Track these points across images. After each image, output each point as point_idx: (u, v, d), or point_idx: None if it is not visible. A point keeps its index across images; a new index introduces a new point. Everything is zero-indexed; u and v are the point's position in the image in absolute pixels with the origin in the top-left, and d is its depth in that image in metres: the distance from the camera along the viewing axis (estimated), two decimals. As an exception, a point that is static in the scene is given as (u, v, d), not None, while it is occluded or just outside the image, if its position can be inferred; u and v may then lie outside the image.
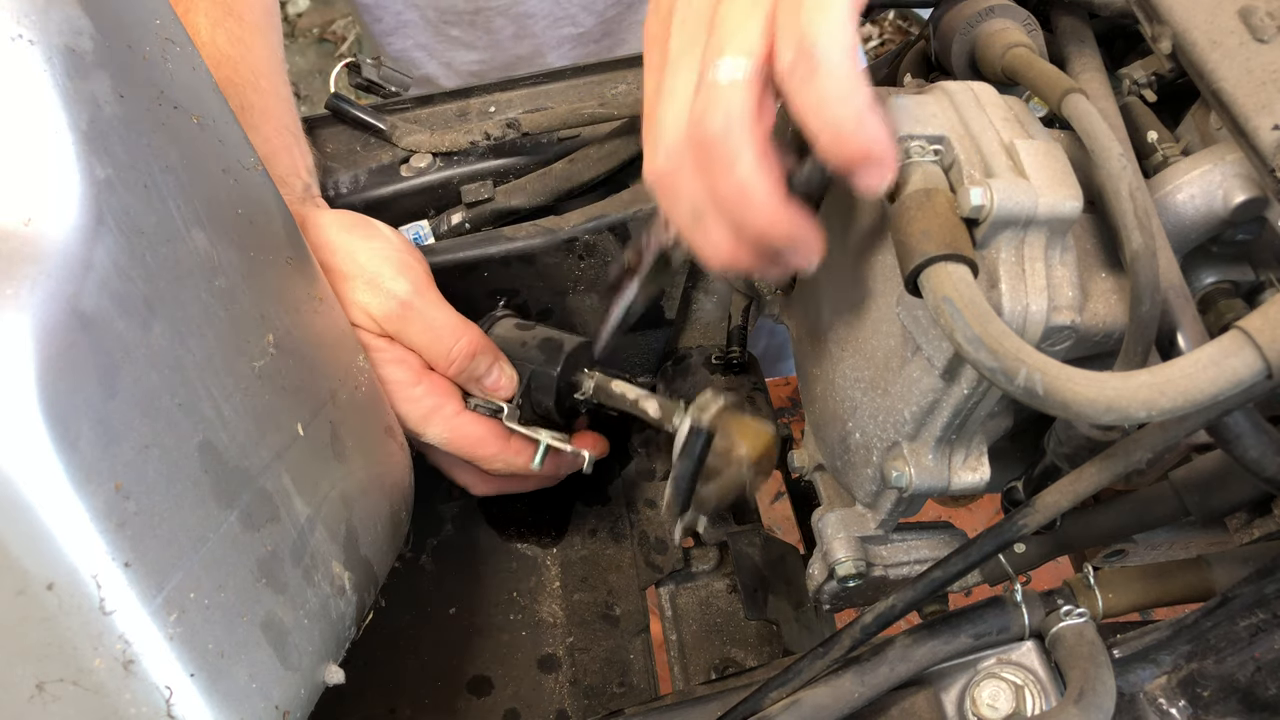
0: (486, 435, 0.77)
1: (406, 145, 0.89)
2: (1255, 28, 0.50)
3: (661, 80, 0.54)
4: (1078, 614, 0.55)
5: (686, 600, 0.82)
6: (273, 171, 0.74)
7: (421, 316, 0.74)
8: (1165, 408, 0.41)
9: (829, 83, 0.46)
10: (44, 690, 0.45)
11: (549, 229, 0.84)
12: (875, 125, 0.47)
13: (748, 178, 0.50)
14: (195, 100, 0.56)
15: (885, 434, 0.59)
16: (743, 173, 0.50)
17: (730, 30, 0.49)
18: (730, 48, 0.49)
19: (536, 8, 1.22)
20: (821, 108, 0.47)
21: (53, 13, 0.46)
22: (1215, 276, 0.54)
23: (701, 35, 0.51)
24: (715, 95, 0.49)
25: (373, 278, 0.73)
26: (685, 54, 0.52)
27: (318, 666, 0.57)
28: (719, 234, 0.53)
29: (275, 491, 0.55)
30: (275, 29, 0.86)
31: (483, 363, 0.76)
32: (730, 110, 0.49)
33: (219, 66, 0.77)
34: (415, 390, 0.74)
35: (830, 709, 0.54)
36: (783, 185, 0.51)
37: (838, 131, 0.47)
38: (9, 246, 0.43)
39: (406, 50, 1.28)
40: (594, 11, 1.24)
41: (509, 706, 0.80)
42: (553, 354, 0.78)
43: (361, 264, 0.73)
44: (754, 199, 0.50)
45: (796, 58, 0.47)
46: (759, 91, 0.49)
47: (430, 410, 0.75)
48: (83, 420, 0.43)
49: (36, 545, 0.42)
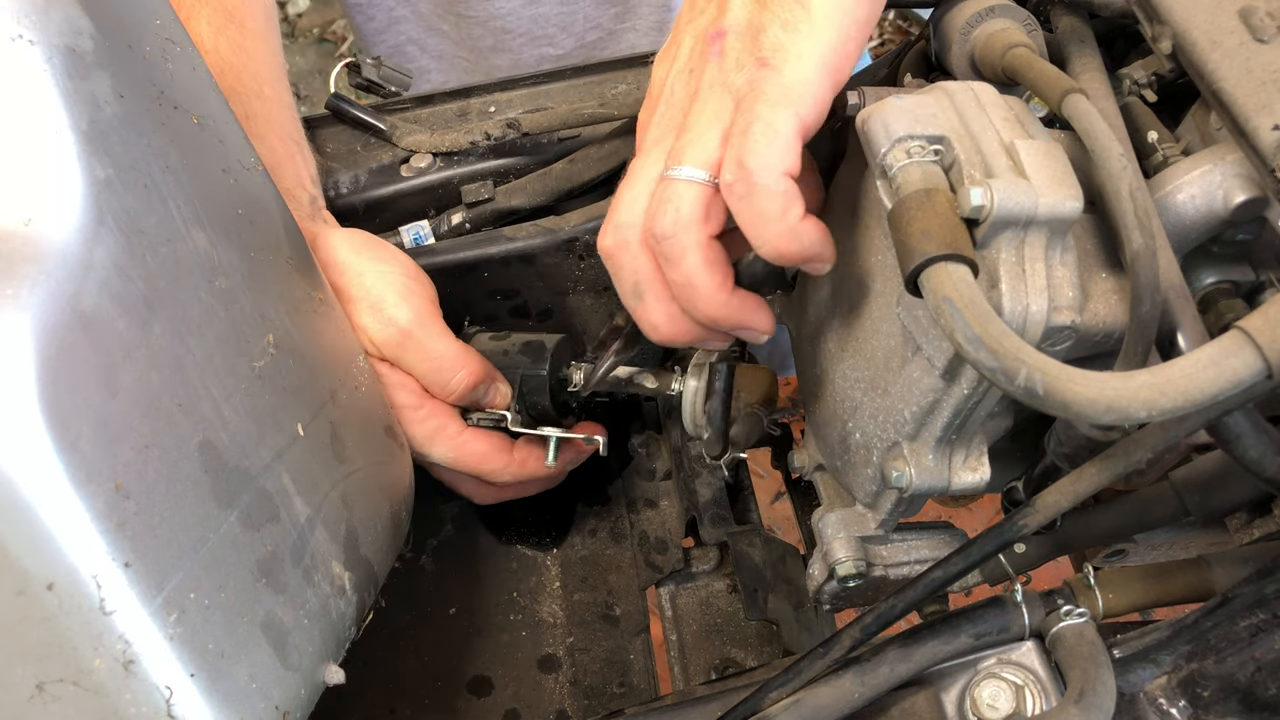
0: (490, 450, 0.77)
1: (407, 145, 0.89)
2: (1255, 28, 0.50)
3: (634, 164, 0.59)
4: (1078, 614, 0.55)
5: (686, 600, 0.82)
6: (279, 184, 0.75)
7: (421, 346, 0.73)
8: (1165, 408, 0.41)
9: (763, 203, 0.52)
10: (44, 690, 0.45)
11: (549, 229, 0.84)
12: (808, 233, 0.53)
13: (693, 273, 0.56)
14: (195, 100, 0.56)
15: (885, 434, 0.59)
16: (688, 268, 0.56)
17: (692, 138, 0.55)
18: (689, 156, 0.55)
19: (514, 24, 1.22)
20: (758, 224, 0.52)
21: (53, 13, 0.46)
22: (1215, 276, 0.54)
23: (671, 135, 0.57)
24: (670, 194, 0.55)
25: (376, 303, 0.73)
26: (655, 146, 0.58)
27: (318, 666, 0.57)
28: (659, 312, 0.59)
29: (275, 491, 0.55)
30: (275, 33, 0.86)
31: (482, 390, 0.76)
32: (680, 210, 0.55)
33: (223, 75, 0.77)
34: (419, 413, 0.74)
35: (830, 709, 0.54)
36: (729, 278, 0.57)
37: (775, 245, 0.53)
38: (9, 246, 0.43)
39: (400, 45, 1.28)
40: (572, 34, 1.24)
41: (509, 706, 0.80)
42: (537, 355, 0.78)
43: (367, 287, 0.73)
44: (700, 292, 0.56)
45: (736, 178, 0.52)
46: (709, 198, 0.54)
47: (434, 431, 0.75)
48: (83, 420, 0.43)
49: (36, 545, 0.42)
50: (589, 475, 0.88)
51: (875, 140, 0.51)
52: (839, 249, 0.61)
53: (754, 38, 0.54)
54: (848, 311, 0.62)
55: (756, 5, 0.55)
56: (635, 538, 0.87)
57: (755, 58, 0.54)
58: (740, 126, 0.53)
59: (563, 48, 1.25)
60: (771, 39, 0.54)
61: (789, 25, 0.54)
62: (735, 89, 0.54)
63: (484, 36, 1.24)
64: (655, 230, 0.56)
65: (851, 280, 0.61)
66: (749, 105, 0.53)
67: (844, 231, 0.61)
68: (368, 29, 1.28)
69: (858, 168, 0.60)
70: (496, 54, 1.26)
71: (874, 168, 0.51)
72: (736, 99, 0.54)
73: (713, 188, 0.54)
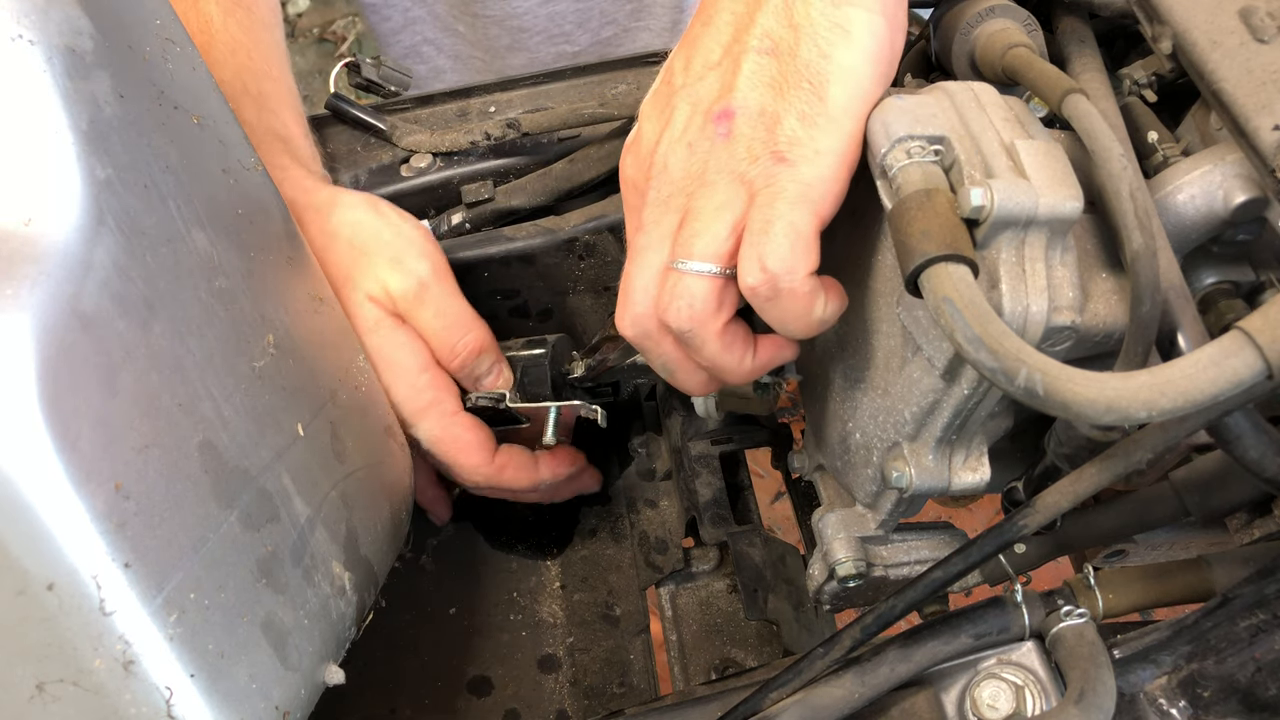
0: (475, 443, 0.76)
1: (407, 145, 0.89)
2: (1255, 28, 0.50)
3: (635, 242, 0.58)
4: (1078, 614, 0.55)
5: (686, 600, 0.82)
6: (298, 154, 0.75)
7: (437, 301, 0.74)
8: (1165, 408, 0.41)
9: (792, 306, 0.52)
10: (44, 691, 0.45)
11: (549, 229, 0.84)
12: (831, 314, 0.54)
13: (715, 358, 0.57)
14: (195, 100, 0.56)
15: (885, 434, 0.59)
16: (710, 355, 0.57)
17: (699, 229, 0.53)
18: (698, 249, 0.53)
19: (531, 22, 1.22)
20: (787, 322, 0.53)
21: (53, 13, 0.46)
22: (1215, 277, 0.54)
23: (674, 218, 0.55)
24: (680, 290, 0.54)
25: (397, 255, 0.73)
26: (656, 229, 0.56)
27: (318, 667, 0.57)
28: (692, 382, 0.61)
29: (275, 491, 0.55)
30: (279, 27, 0.86)
31: (486, 361, 0.76)
32: (694, 306, 0.54)
33: (234, 53, 0.78)
34: (419, 379, 0.74)
35: (830, 709, 0.54)
36: (750, 346, 0.58)
37: (805, 334, 0.55)
38: (9, 246, 0.43)
39: (416, 46, 1.28)
40: (588, 29, 1.24)
41: (509, 706, 0.80)
42: (538, 345, 0.80)
43: (387, 241, 0.74)
44: (727, 370, 0.58)
45: (760, 283, 0.52)
46: (720, 290, 0.54)
47: (429, 404, 0.74)
48: (83, 420, 0.43)
49: (36, 545, 0.42)
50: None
51: (875, 140, 0.50)
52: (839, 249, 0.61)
53: (769, 129, 0.51)
54: (848, 312, 0.62)
55: (771, 91, 0.52)
56: (635, 538, 0.87)
57: (770, 150, 0.51)
58: (758, 225, 0.51)
59: (579, 44, 1.25)
60: (788, 132, 0.51)
61: (806, 119, 0.51)
62: (748, 180, 0.52)
63: (500, 36, 1.24)
64: (671, 325, 0.56)
65: (851, 280, 0.61)
66: (767, 202, 0.51)
67: (844, 232, 0.61)
68: (383, 29, 1.28)
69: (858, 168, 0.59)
70: (513, 53, 1.26)
71: (874, 168, 0.51)
72: (750, 191, 0.52)
73: (723, 279, 0.53)
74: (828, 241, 0.53)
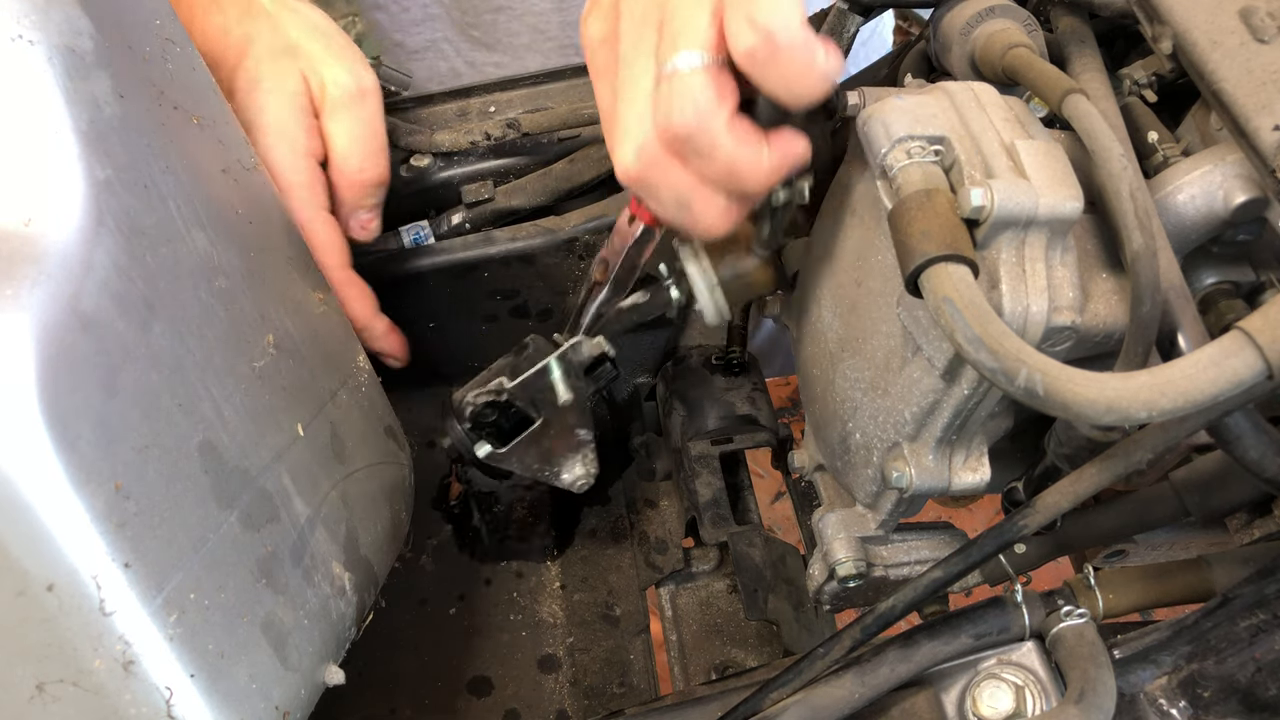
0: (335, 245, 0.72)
1: (406, 145, 0.89)
2: (1255, 28, 0.50)
3: (617, 82, 0.55)
4: (1078, 614, 0.55)
5: (686, 600, 0.82)
6: None
7: (366, 113, 0.74)
8: (1166, 408, 0.41)
9: (793, 61, 0.49)
10: (44, 691, 0.45)
11: (549, 229, 0.84)
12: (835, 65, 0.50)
13: (733, 157, 0.52)
14: (195, 100, 0.56)
15: (885, 434, 0.59)
16: (726, 155, 0.52)
17: (680, 26, 0.51)
18: (683, 42, 0.51)
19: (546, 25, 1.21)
20: (791, 82, 0.50)
21: (53, 13, 0.46)
22: (1216, 277, 0.54)
23: (651, 35, 0.53)
24: (678, 89, 0.51)
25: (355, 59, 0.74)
26: (637, 54, 0.54)
27: (318, 667, 0.57)
28: (710, 213, 0.56)
29: (275, 492, 0.55)
30: None
31: (378, 194, 0.76)
32: (697, 101, 0.51)
33: None
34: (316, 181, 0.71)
35: (830, 709, 0.54)
36: (762, 139, 0.53)
37: (811, 96, 0.50)
38: (9, 246, 0.43)
39: (435, 42, 1.27)
40: None
41: (509, 706, 0.80)
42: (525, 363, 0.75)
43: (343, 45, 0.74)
44: (745, 171, 0.53)
45: (756, 43, 0.49)
46: (718, 77, 0.51)
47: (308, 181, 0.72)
48: (83, 420, 0.43)
49: (36, 546, 0.42)
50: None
51: (875, 140, 0.50)
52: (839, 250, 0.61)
53: None
54: (848, 312, 0.62)
55: None
56: (635, 538, 0.87)
57: None
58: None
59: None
60: None
61: None
62: None
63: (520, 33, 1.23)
64: (677, 131, 0.52)
65: (851, 280, 0.61)
66: None
67: (844, 232, 0.61)
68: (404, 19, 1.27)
69: (858, 168, 0.60)
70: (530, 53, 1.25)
71: (874, 168, 0.51)
72: None
73: (718, 66, 0.51)
74: (828, 241, 0.53)
